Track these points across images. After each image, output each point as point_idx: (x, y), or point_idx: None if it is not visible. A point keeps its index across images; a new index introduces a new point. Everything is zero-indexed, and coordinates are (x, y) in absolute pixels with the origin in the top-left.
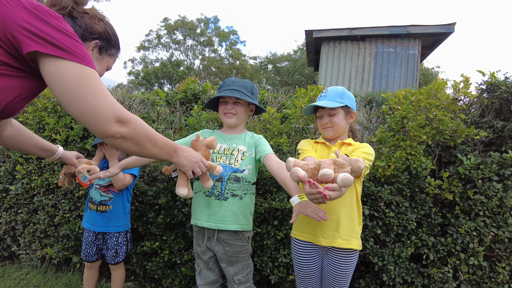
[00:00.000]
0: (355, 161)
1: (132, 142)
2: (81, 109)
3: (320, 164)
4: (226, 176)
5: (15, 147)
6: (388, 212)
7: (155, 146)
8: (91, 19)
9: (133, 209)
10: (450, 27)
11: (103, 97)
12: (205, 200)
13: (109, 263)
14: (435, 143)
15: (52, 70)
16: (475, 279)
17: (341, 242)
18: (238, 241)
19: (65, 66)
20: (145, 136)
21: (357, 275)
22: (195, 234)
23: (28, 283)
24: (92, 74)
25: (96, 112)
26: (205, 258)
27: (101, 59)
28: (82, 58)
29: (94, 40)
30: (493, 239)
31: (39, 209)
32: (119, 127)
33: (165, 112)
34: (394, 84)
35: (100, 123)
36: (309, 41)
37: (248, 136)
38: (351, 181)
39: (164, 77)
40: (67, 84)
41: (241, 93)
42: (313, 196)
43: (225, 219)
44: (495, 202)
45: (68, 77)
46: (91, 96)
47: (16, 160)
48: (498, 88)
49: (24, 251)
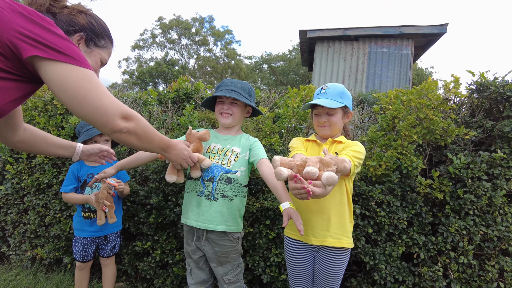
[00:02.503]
0: (341, 161)
1: (135, 136)
2: (89, 111)
3: (306, 161)
4: (217, 177)
5: (32, 150)
6: (379, 212)
7: (153, 141)
8: (70, 12)
9: (125, 209)
10: (442, 28)
11: (107, 97)
12: (196, 199)
13: (104, 257)
14: (426, 142)
15: (54, 75)
16: (465, 278)
17: (331, 241)
18: (227, 241)
19: (66, 70)
20: (146, 131)
21: (349, 274)
22: (185, 233)
23: (18, 284)
24: (92, 75)
25: (103, 111)
26: (195, 257)
27: (90, 51)
28: (80, 61)
29: (77, 33)
30: (482, 238)
31: (30, 209)
32: (125, 123)
33: (157, 111)
34: (387, 84)
35: (108, 121)
36: (303, 41)
37: (243, 138)
38: (335, 180)
39: (158, 76)
40: (71, 88)
41: (238, 94)
42: (297, 191)
43: (213, 219)
44: (485, 201)
45: (71, 81)
46: (96, 98)
47: (6, 160)
48: (488, 88)
49: (14, 251)
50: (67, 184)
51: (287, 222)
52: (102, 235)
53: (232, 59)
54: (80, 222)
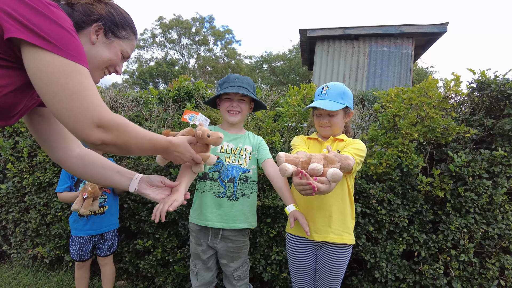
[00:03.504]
0: (345, 158)
1: (115, 147)
2: (59, 111)
3: (310, 158)
4: (237, 177)
5: (86, 171)
6: (380, 210)
7: (142, 150)
8: (88, 2)
9: (126, 208)
10: (443, 27)
11: (82, 99)
12: (215, 200)
13: (101, 256)
14: (427, 140)
15: (31, 62)
16: (466, 275)
17: (333, 237)
18: (241, 236)
19: (44, 58)
20: (129, 141)
21: (350, 272)
22: (195, 233)
23: (20, 282)
24: (74, 71)
25: (72, 115)
26: (205, 257)
27: (110, 42)
28: (68, 52)
29: (95, 23)
30: (483, 236)
31: (31, 208)
32: (100, 133)
33: (158, 110)
34: (387, 83)
35: (77, 128)
36: (303, 40)
37: (250, 135)
38: (340, 176)
39: (159, 76)
40: (44, 81)
41: (247, 90)
42: (302, 187)
43: (236, 218)
44: (485, 199)
45: (46, 73)
46: (67, 97)
47: (7, 159)
48: (488, 86)
49: (15, 250)
50: (60, 184)
51: (293, 224)
52: (98, 233)
53: (232, 59)
54: (76, 221)
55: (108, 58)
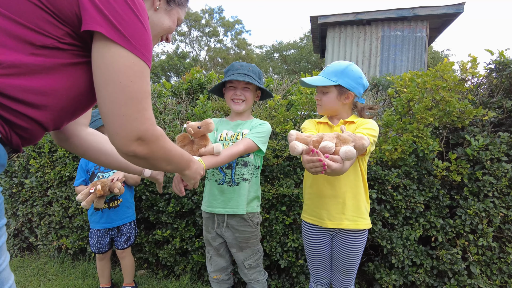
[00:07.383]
0: (360, 138)
1: (145, 161)
2: (108, 111)
3: (322, 137)
4: (234, 162)
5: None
6: (395, 195)
7: (169, 164)
8: None
9: (144, 199)
10: (459, 7)
11: (136, 108)
12: (218, 188)
13: (119, 249)
14: (442, 125)
15: (101, 55)
16: (485, 260)
17: (348, 223)
18: (247, 227)
19: (115, 53)
20: (161, 157)
21: (366, 258)
22: (205, 221)
23: (47, 272)
24: (139, 72)
25: (119, 121)
26: (215, 244)
27: (170, 9)
28: (138, 48)
29: None
30: (502, 220)
31: (54, 201)
32: (137, 146)
33: (171, 103)
34: (401, 68)
35: (120, 135)
36: (314, 27)
37: (254, 121)
38: (354, 154)
39: (170, 69)
40: (105, 78)
41: (251, 78)
42: (312, 164)
43: (238, 203)
44: (505, 183)
45: (112, 69)
46: (122, 102)
47: (29, 154)
48: (508, 67)
49: (41, 242)
50: (77, 178)
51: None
52: (114, 226)
53: (243, 49)
54: (93, 214)
55: (168, 26)
